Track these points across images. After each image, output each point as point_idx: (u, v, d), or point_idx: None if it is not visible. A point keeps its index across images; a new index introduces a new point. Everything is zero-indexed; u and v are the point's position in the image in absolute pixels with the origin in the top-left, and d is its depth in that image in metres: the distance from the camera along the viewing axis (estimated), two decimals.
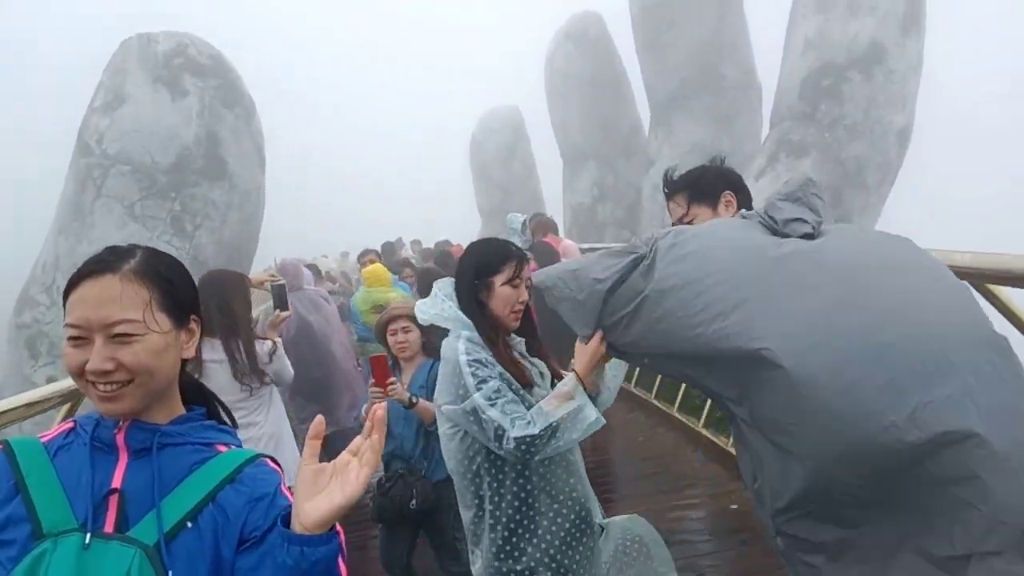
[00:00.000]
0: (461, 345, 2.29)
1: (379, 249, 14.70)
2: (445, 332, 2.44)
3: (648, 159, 18.81)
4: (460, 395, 2.24)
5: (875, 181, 14.16)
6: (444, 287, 2.47)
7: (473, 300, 2.40)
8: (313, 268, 8.62)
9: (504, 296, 2.39)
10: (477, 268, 2.41)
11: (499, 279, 2.39)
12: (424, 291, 8.66)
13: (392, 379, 3.48)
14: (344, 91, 77.14)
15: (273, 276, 4.75)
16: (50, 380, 11.61)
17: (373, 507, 3.73)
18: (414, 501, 3.61)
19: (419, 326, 3.77)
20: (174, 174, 12.22)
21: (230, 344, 3.68)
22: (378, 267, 6.99)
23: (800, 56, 14.41)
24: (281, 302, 4.03)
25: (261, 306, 10.33)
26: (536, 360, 2.54)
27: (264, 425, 3.81)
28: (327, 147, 66.44)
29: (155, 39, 12.87)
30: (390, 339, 3.87)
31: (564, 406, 2.17)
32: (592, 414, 2.19)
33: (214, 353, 3.64)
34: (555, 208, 22.52)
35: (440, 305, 2.41)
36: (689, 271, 1.77)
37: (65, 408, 3.66)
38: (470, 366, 2.24)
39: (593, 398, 2.36)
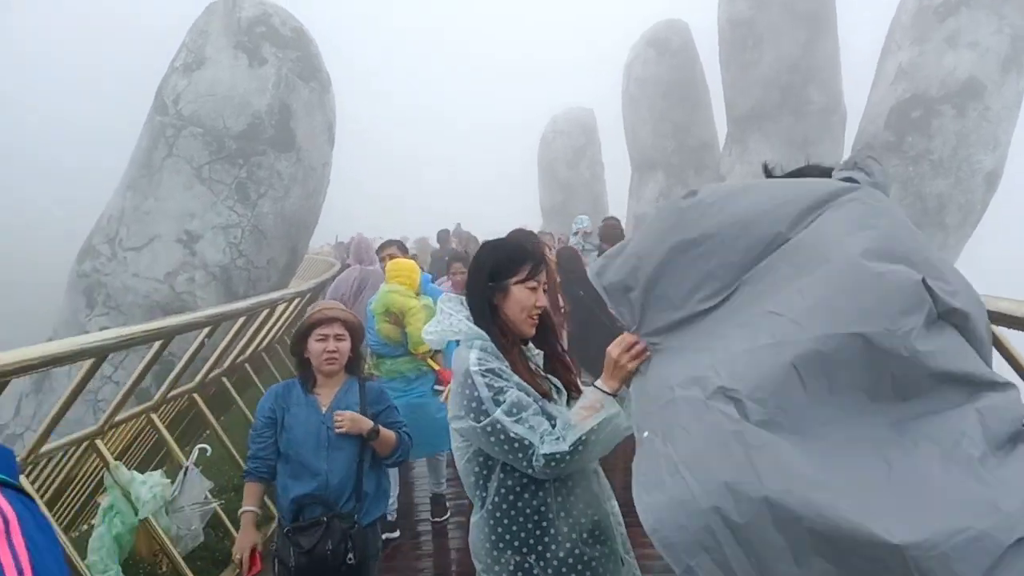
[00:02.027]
0: (473, 355, 2.13)
1: (425, 238, 14.52)
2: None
3: (719, 175, 18.37)
4: (474, 408, 2.08)
5: (956, 221, 13.53)
6: (451, 302, 2.31)
7: (486, 304, 2.25)
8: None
9: (519, 298, 2.23)
10: (491, 269, 2.26)
11: (514, 280, 2.24)
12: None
13: None
14: (413, 77, 77.67)
15: None
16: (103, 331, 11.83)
17: (283, 571, 3.02)
18: (351, 555, 2.96)
19: (353, 336, 3.28)
20: (243, 141, 12.31)
21: None
22: (405, 263, 5.34)
23: (891, 85, 13.87)
24: None
25: (324, 275, 10.33)
26: (551, 377, 2.36)
27: None
28: (388, 130, 66.78)
29: (240, 5, 12.97)
30: (315, 345, 3.17)
31: (595, 417, 2.01)
32: (624, 423, 2.04)
33: None
34: (618, 215, 22.22)
35: (448, 320, 2.24)
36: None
37: (88, 364, 3.57)
38: (483, 376, 2.08)
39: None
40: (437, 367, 5.08)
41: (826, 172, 2.28)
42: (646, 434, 1.57)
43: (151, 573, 4.40)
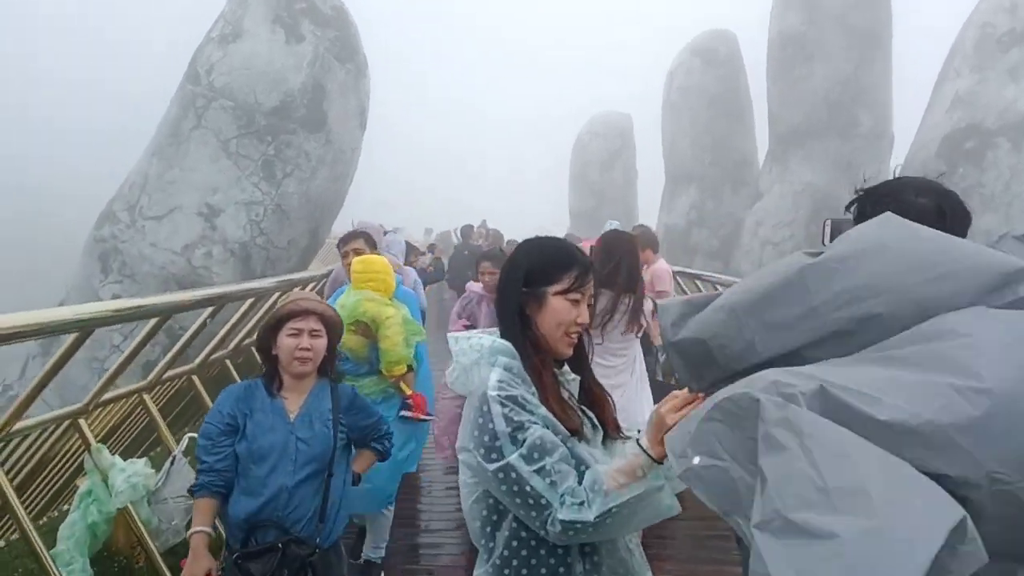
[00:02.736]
0: (493, 376, 1.73)
1: (448, 232, 14.16)
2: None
3: (756, 192, 17.88)
4: (486, 444, 1.69)
5: None
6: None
7: (517, 313, 1.86)
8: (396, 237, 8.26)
9: (558, 311, 1.83)
10: (528, 273, 1.86)
11: (554, 289, 1.85)
12: None
13: None
14: (450, 69, 77.02)
15: None
16: (115, 298, 11.59)
17: None
18: None
19: (330, 334, 2.85)
20: (273, 118, 12.04)
21: (622, 297, 4.26)
22: (376, 261, 4.31)
23: (946, 113, 13.33)
24: None
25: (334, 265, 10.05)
26: (586, 410, 1.94)
27: (626, 387, 4.37)
28: (420, 120, 66.25)
29: None
30: (287, 341, 2.73)
31: (632, 488, 1.61)
32: (667, 501, 1.65)
33: (606, 303, 4.23)
34: (648, 225, 21.70)
35: (468, 341, 1.84)
36: None
37: (72, 337, 3.25)
38: (503, 405, 1.69)
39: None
40: (409, 391, 4.20)
41: (929, 187, 1.85)
42: (697, 460, 1.20)
43: (126, 567, 4.09)
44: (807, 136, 16.50)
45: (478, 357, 1.79)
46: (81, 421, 4.01)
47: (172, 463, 4.11)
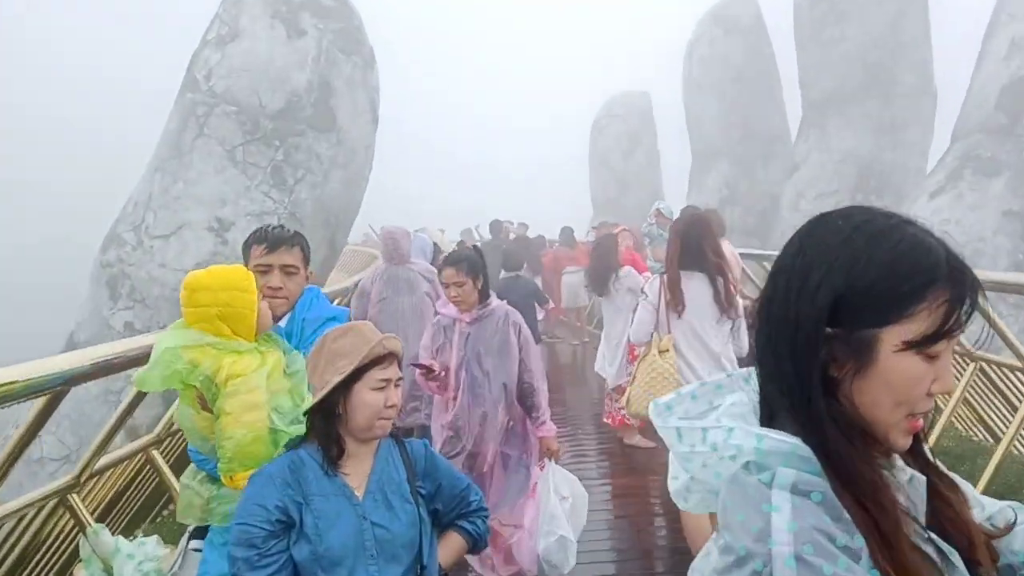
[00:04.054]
0: (782, 522, 0.82)
1: (469, 229, 13.40)
2: None
3: (792, 163, 16.92)
4: None
5: None
6: (734, 383, 0.99)
7: (814, 379, 0.90)
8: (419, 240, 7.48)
9: (901, 377, 0.88)
10: (841, 296, 0.89)
11: (897, 334, 0.88)
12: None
13: None
14: (451, 64, 75.52)
15: None
16: (127, 325, 10.86)
17: None
18: None
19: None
20: (280, 120, 11.25)
21: (716, 279, 4.04)
22: (222, 276, 2.30)
23: (1003, 61, 12.33)
24: None
25: (360, 275, 9.28)
26: (935, 537, 0.94)
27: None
28: (422, 117, 64.69)
29: None
30: (371, 397, 1.91)
31: None
32: None
33: (695, 282, 4.04)
34: (675, 208, 20.69)
35: (708, 431, 0.91)
36: None
37: (43, 400, 2.43)
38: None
39: None
40: None
41: None
42: None
43: None
44: (844, 101, 15.55)
45: (733, 468, 0.88)
46: (73, 496, 3.21)
47: (188, 541, 3.32)
